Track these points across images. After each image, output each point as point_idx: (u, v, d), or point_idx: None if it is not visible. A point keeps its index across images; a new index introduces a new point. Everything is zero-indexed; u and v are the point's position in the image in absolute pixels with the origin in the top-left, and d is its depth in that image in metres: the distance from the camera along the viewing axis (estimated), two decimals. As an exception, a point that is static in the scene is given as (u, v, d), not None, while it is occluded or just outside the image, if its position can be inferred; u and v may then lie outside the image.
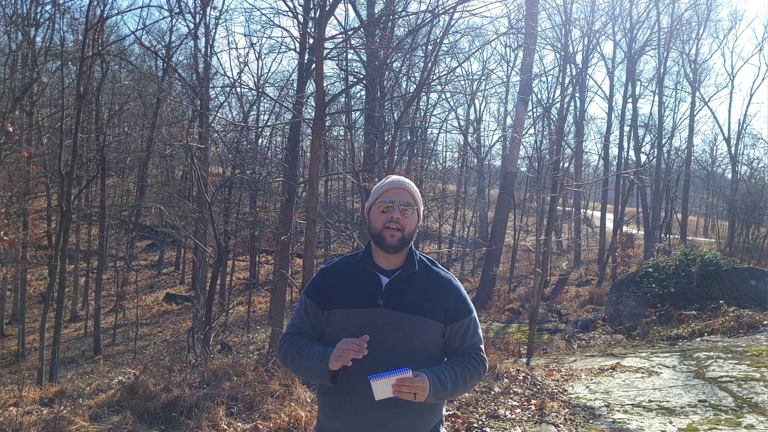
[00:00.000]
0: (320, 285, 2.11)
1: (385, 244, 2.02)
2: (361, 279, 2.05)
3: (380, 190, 2.10)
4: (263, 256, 25.62)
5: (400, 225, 2.02)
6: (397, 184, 2.09)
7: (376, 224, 2.05)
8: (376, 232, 2.05)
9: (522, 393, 5.98)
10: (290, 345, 2.08)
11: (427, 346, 2.02)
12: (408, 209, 2.05)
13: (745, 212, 24.96)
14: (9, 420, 5.46)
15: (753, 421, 4.93)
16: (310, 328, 2.10)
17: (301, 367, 2.04)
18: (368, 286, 2.03)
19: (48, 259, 16.91)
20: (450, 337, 2.06)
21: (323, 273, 2.14)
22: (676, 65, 30.96)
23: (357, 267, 2.09)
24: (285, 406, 5.22)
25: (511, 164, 19.02)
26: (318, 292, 2.09)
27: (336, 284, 2.07)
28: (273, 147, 26.20)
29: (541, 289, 13.55)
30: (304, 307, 2.12)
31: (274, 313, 11.21)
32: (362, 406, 1.95)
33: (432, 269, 2.11)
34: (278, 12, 32.71)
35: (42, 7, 20.75)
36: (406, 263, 2.07)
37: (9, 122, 12.94)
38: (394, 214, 2.02)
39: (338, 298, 2.03)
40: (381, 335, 1.95)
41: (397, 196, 2.05)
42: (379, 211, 2.05)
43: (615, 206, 27.59)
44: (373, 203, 2.10)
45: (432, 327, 2.01)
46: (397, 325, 1.97)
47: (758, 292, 11.10)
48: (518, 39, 20.39)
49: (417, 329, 1.99)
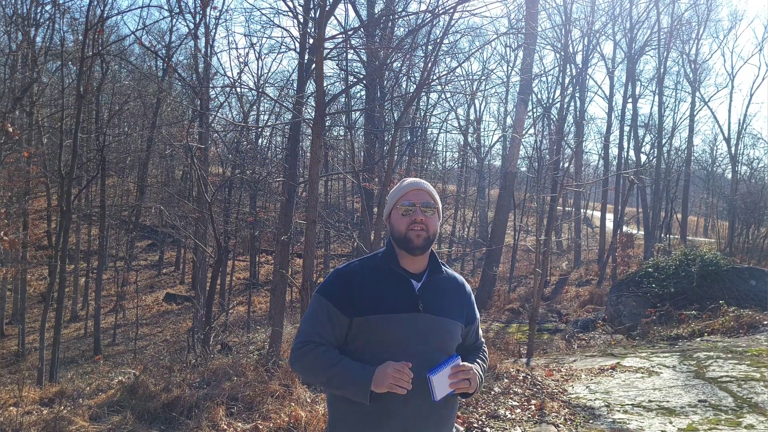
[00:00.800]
0: (344, 289, 1.97)
1: (412, 245, 1.97)
2: (392, 283, 1.98)
3: (399, 193, 2.05)
4: (263, 256, 25.62)
5: (424, 225, 1.98)
6: (416, 185, 2.05)
7: (399, 228, 2.00)
8: (400, 236, 1.99)
9: (522, 393, 5.98)
10: (315, 357, 1.94)
11: (453, 347, 2.04)
12: (429, 210, 2.01)
13: (745, 212, 24.96)
14: (9, 420, 5.46)
15: (753, 421, 4.93)
16: (332, 335, 1.97)
17: (332, 383, 1.91)
18: (402, 289, 1.97)
19: (48, 259, 16.91)
20: (466, 336, 2.12)
21: (344, 276, 2.01)
22: (676, 65, 31.03)
23: (383, 270, 2.00)
24: (285, 406, 5.22)
25: (511, 164, 19.02)
26: (343, 297, 1.96)
27: (364, 288, 1.96)
28: (273, 147, 26.20)
29: (541, 289, 13.56)
30: (326, 313, 1.97)
31: (274, 313, 11.21)
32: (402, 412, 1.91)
33: (449, 272, 2.13)
34: (278, 12, 32.81)
35: (42, 7, 20.75)
36: (432, 266, 2.05)
37: (9, 122, 12.94)
38: (417, 216, 1.98)
39: (371, 303, 1.93)
40: (420, 339, 1.93)
41: (417, 198, 2.01)
42: (400, 215, 2.01)
43: (615, 206, 27.58)
44: (392, 207, 2.05)
45: (459, 329, 2.05)
46: (436, 330, 1.96)
47: (758, 292, 11.10)
48: (518, 39, 20.39)
49: (452, 332, 2.02)
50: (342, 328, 1.97)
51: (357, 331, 1.95)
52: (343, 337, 1.98)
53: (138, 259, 25.89)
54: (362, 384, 1.84)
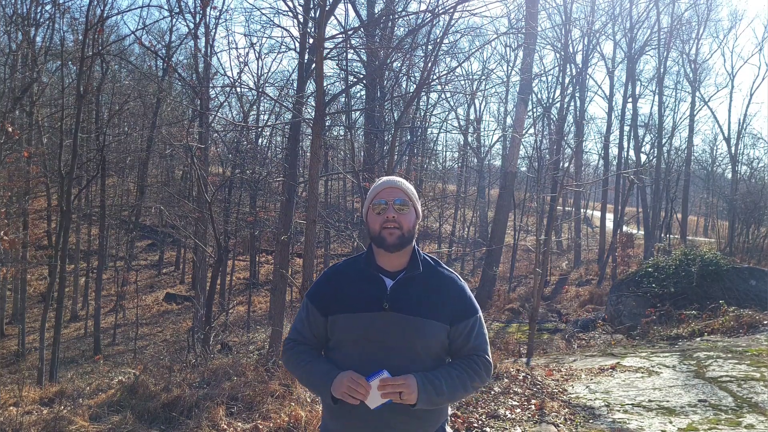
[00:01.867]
0: (323, 289, 2.09)
1: (385, 243, 2.00)
2: (364, 282, 2.03)
3: (373, 192, 2.09)
4: (263, 256, 25.62)
5: (397, 223, 2.01)
6: (389, 183, 2.08)
7: (374, 226, 2.04)
8: (375, 234, 2.04)
9: (522, 393, 5.98)
10: (293, 355, 2.09)
11: (432, 347, 2.00)
12: (403, 207, 2.03)
13: (745, 212, 24.96)
14: (9, 420, 5.46)
15: (753, 421, 4.93)
16: (311, 333, 2.09)
17: (303, 381, 2.11)
18: (372, 289, 2.01)
19: (48, 259, 16.91)
20: (454, 337, 2.04)
21: (326, 277, 2.13)
22: (676, 65, 31.01)
23: (360, 270, 2.07)
24: (285, 406, 5.22)
25: (511, 164, 19.02)
26: (320, 297, 2.08)
27: (339, 288, 2.05)
28: (273, 147, 26.20)
29: (541, 289, 13.55)
30: (306, 312, 2.11)
31: (274, 313, 11.20)
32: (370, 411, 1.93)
33: (436, 269, 2.09)
34: (278, 12, 32.91)
35: (42, 7, 20.76)
36: (410, 264, 2.05)
37: (9, 122, 12.95)
38: (389, 213, 2.01)
39: (342, 303, 2.01)
40: (386, 339, 1.94)
41: (390, 196, 2.04)
42: (375, 213, 2.05)
43: (615, 206, 27.58)
44: (368, 207, 2.09)
45: (437, 328, 1.99)
46: (403, 328, 1.95)
47: (758, 292, 11.10)
48: (518, 39, 20.38)
49: (422, 332, 1.97)
50: (319, 326, 2.07)
51: (331, 330, 2.04)
52: (323, 336, 2.08)
53: (138, 259, 25.89)
54: (323, 387, 1.95)
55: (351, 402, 1.88)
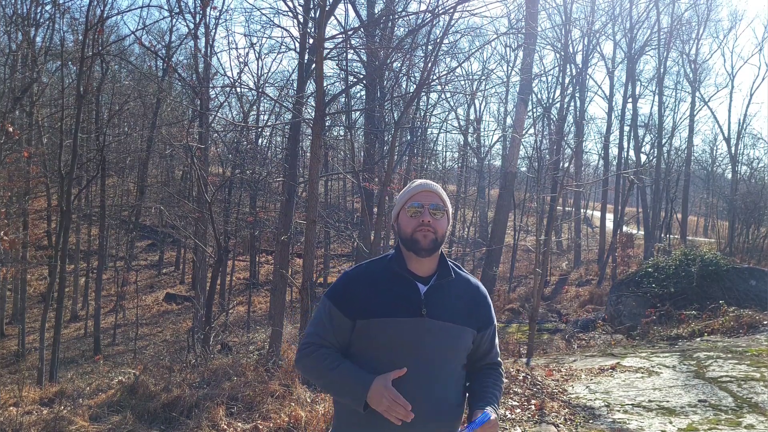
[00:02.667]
0: (348, 292, 1.97)
1: (419, 246, 1.93)
2: (397, 286, 1.95)
3: (407, 194, 2.02)
4: (263, 256, 25.62)
5: (432, 228, 1.94)
6: (425, 187, 2.01)
7: (406, 229, 1.97)
8: (407, 237, 1.96)
9: (522, 393, 5.97)
10: (316, 358, 1.96)
11: (462, 354, 1.99)
12: (438, 212, 1.97)
13: (745, 212, 24.96)
14: (9, 420, 5.46)
15: (753, 421, 4.93)
16: (334, 337, 1.98)
17: (328, 385, 1.95)
18: (407, 293, 1.93)
19: (48, 259, 16.91)
20: (479, 344, 2.04)
21: (350, 279, 2.01)
22: (676, 65, 31.02)
23: (389, 273, 1.98)
24: (285, 406, 5.22)
25: (511, 164, 19.01)
26: (346, 300, 1.96)
27: (369, 291, 1.95)
28: (273, 147, 26.21)
29: (541, 289, 13.55)
30: (328, 315, 1.98)
31: (274, 313, 11.21)
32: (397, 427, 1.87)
33: (462, 275, 2.06)
34: (278, 12, 32.85)
35: (42, 7, 20.76)
36: (441, 270, 2.00)
37: (9, 122, 12.95)
38: (425, 217, 1.95)
39: (374, 307, 1.91)
40: (420, 345, 1.89)
41: (426, 200, 1.98)
42: (408, 216, 1.97)
43: (615, 206, 27.58)
44: (401, 208, 2.02)
45: (468, 335, 1.98)
46: (439, 335, 1.91)
47: (758, 292, 11.10)
48: (518, 39, 20.39)
49: (457, 339, 1.95)
50: (344, 330, 1.96)
51: (359, 334, 1.94)
52: (346, 340, 1.97)
53: (138, 259, 25.89)
54: (358, 395, 1.85)
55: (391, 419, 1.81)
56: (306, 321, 7.10)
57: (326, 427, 4.68)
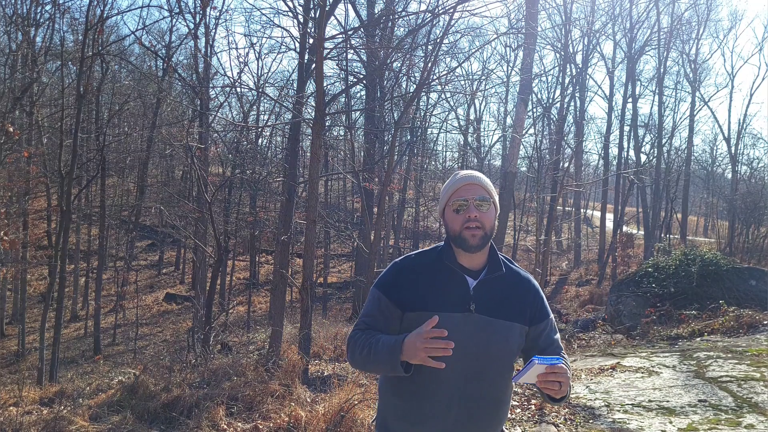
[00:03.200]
0: (399, 282, 1.94)
1: (467, 245, 1.89)
2: (447, 280, 1.92)
3: (451, 189, 1.96)
4: (263, 256, 25.61)
5: (479, 222, 1.89)
6: (469, 179, 1.95)
7: (453, 226, 1.92)
8: (455, 235, 1.92)
9: (522, 393, 5.98)
10: (359, 340, 1.93)
11: (512, 350, 1.94)
12: (484, 204, 1.91)
13: (745, 212, 24.94)
14: (9, 420, 5.46)
15: (753, 421, 4.93)
16: (384, 325, 1.94)
17: (369, 360, 1.90)
18: (456, 288, 1.90)
19: (48, 259, 16.91)
20: (533, 338, 1.98)
21: (400, 270, 1.97)
22: (676, 65, 30.96)
23: (439, 266, 1.94)
24: (285, 406, 5.22)
25: (511, 164, 18.97)
26: (397, 290, 1.93)
27: (418, 283, 1.92)
28: (273, 147, 26.22)
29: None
30: (377, 306, 1.96)
31: (274, 313, 11.19)
32: (450, 411, 1.85)
33: (512, 269, 2.02)
34: (278, 12, 32.77)
35: (42, 7, 20.75)
36: (491, 264, 1.96)
37: (9, 122, 12.95)
38: (471, 212, 1.89)
39: (423, 299, 1.89)
40: (470, 340, 1.85)
41: (471, 193, 1.91)
42: (453, 211, 1.92)
43: (615, 206, 27.59)
44: (446, 204, 1.97)
45: (518, 331, 1.93)
46: (488, 332, 1.88)
47: (758, 292, 11.10)
48: (518, 39, 20.38)
49: (506, 335, 1.90)
50: (394, 320, 1.94)
51: (408, 326, 1.89)
52: (396, 330, 1.94)
53: (138, 259, 25.88)
54: (395, 354, 1.79)
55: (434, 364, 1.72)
56: (306, 321, 7.10)
57: (326, 427, 4.68)
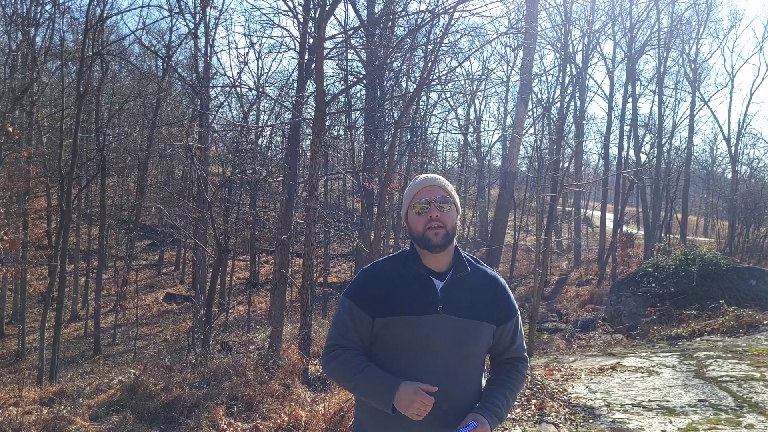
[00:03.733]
0: (368, 290, 2.00)
1: (431, 244, 1.95)
2: (414, 283, 1.97)
3: (412, 191, 2.03)
4: (263, 256, 25.61)
5: (441, 223, 1.96)
6: (429, 182, 2.02)
7: (417, 227, 1.98)
8: (419, 236, 1.98)
9: (522, 393, 5.97)
10: (343, 361, 1.97)
11: (481, 349, 1.98)
12: (444, 205, 1.98)
13: (745, 212, 24.93)
14: (9, 420, 5.46)
15: (753, 421, 4.93)
16: (357, 335, 1.99)
17: (357, 389, 1.97)
18: (423, 290, 1.95)
19: (48, 259, 16.91)
20: (500, 338, 2.03)
21: (368, 277, 2.03)
22: (676, 65, 30.95)
23: (406, 270, 1.99)
24: (285, 406, 5.22)
25: (511, 164, 18.99)
26: (366, 298, 1.98)
27: (387, 289, 1.97)
28: (273, 147, 26.20)
29: (541, 288, 13.56)
30: (350, 315, 1.99)
31: (274, 312, 11.20)
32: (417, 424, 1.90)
33: (479, 268, 2.06)
34: (278, 12, 32.93)
35: (42, 7, 20.75)
36: (456, 264, 2.01)
37: (9, 122, 12.95)
38: (432, 212, 1.96)
39: (391, 305, 1.94)
40: (440, 343, 1.90)
41: (431, 194, 1.99)
42: (416, 213, 1.99)
43: (615, 206, 27.57)
44: (408, 207, 2.03)
45: (487, 330, 1.97)
46: (457, 332, 1.92)
47: (758, 292, 11.10)
48: (518, 39, 20.38)
49: (475, 334, 1.95)
50: (366, 327, 1.98)
51: (378, 332, 1.96)
52: (368, 337, 1.99)
53: (138, 259, 25.87)
54: (384, 397, 1.87)
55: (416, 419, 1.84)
56: (306, 321, 7.10)
57: (326, 427, 4.68)
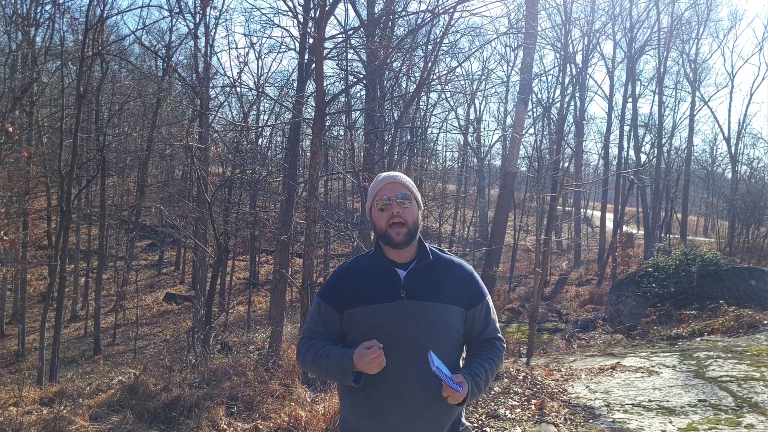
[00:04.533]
0: (334, 286, 2.11)
1: (393, 242, 2.04)
2: (378, 275, 2.06)
3: (374, 189, 2.12)
4: (263, 256, 25.61)
5: (402, 218, 2.04)
6: (389, 179, 2.11)
7: (380, 224, 2.08)
8: (382, 232, 2.07)
9: (522, 393, 5.97)
10: (308, 349, 2.08)
11: (452, 332, 2.04)
12: (405, 201, 2.07)
13: (745, 212, 24.93)
14: (9, 420, 5.46)
15: (753, 421, 4.93)
16: (326, 331, 2.10)
17: (323, 371, 2.06)
18: (387, 280, 2.04)
19: (48, 259, 16.91)
20: (472, 321, 2.09)
21: (336, 275, 2.15)
22: (676, 65, 30.94)
23: (371, 265, 2.09)
24: (285, 406, 5.22)
25: (511, 164, 19.00)
26: (333, 294, 2.09)
27: (352, 283, 2.08)
28: (273, 147, 26.20)
29: (541, 288, 13.55)
30: (317, 310, 2.12)
31: (274, 313, 11.20)
32: (396, 403, 1.96)
33: (443, 257, 2.14)
34: (278, 12, 32.90)
35: (42, 7, 20.76)
36: (420, 254, 2.09)
37: (9, 122, 12.95)
38: (394, 209, 2.04)
39: (358, 297, 2.03)
40: (408, 327, 1.97)
41: (392, 191, 2.07)
42: (378, 210, 2.08)
43: (615, 206, 27.57)
44: (371, 204, 2.12)
45: (455, 312, 2.04)
46: (423, 315, 1.99)
47: (758, 292, 11.10)
48: (518, 39, 20.38)
49: (442, 317, 2.01)
50: (335, 322, 2.08)
51: (348, 324, 2.06)
52: (338, 333, 2.10)
53: (138, 259, 25.87)
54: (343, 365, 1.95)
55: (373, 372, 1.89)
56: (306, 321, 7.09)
57: (326, 427, 4.68)
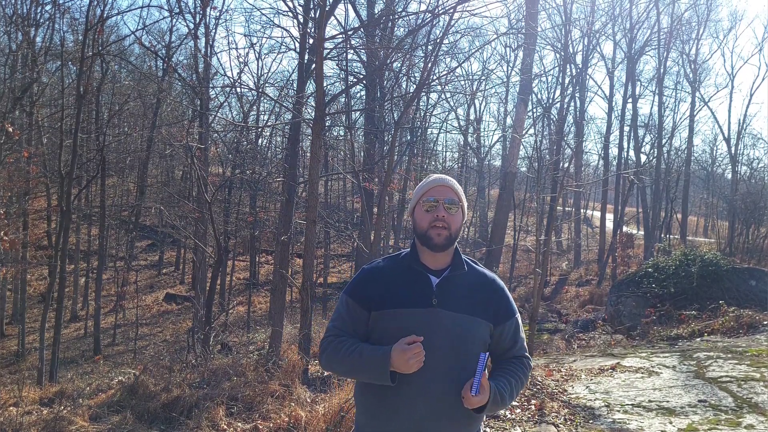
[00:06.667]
0: (364, 285, 2.05)
1: (432, 243, 1.99)
2: (410, 278, 2.01)
3: (423, 189, 2.06)
4: (263, 256, 25.61)
5: (446, 223, 1.99)
6: (440, 182, 2.06)
7: (421, 224, 2.02)
8: (422, 232, 2.01)
9: (522, 393, 5.98)
10: (337, 347, 2.00)
11: (477, 345, 1.99)
12: (453, 207, 2.01)
13: (745, 212, 24.94)
14: (9, 420, 5.46)
15: (753, 421, 4.93)
16: (353, 330, 2.04)
17: (355, 369, 1.99)
18: (419, 285, 1.99)
19: (48, 259, 16.92)
20: (499, 338, 2.05)
21: (366, 273, 2.08)
22: (676, 65, 30.95)
23: (403, 266, 2.04)
24: (285, 406, 5.22)
25: (511, 164, 19.00)
26: (362, 293, 2.04)
27: (383, 284, 2.02)
28: (273, 147, 26.22)
29: (541, 289, 13.55)
30: (345, 308, 2.05)
31: (274, 313, 11.20)
32: (415, 407, 1.92)
33: (477, 269, 2.09)
34: (278, 12, 32.72)
35: (42, 7, 20.73)
36: (454, 263, 2.04)
37: (9, 122, 12.96)
38: (440, 212, 1.99)
39: (387, 298, 1.98)
40: (434, 335, 1.92)
41: (441, 194, 2.02)
42: (424, 210, 2.02)
43: (615, 206, 27.58)
44: (417, 203, 2.06)
45: (482, 326, 1.99)
46: (451, 325, 1.95)
47: (758, 292, 11.10)
48: (518, 39, 20.39)
49: (469, 329, 1.97)
50: (361, 321, 2.02)
51: (374, 325, 2.00)
52: (364, 333, 2.03)
53: (138, 259, 25.87)
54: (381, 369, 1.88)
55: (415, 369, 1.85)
56: (306, 321, 7.10)
57: (326, 428, 4.68)
